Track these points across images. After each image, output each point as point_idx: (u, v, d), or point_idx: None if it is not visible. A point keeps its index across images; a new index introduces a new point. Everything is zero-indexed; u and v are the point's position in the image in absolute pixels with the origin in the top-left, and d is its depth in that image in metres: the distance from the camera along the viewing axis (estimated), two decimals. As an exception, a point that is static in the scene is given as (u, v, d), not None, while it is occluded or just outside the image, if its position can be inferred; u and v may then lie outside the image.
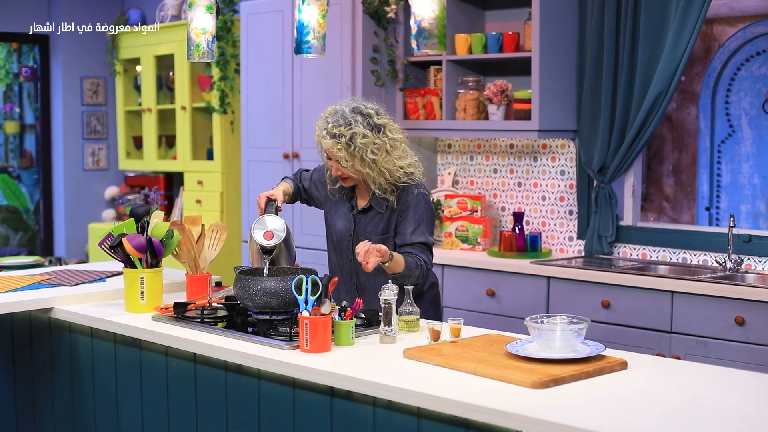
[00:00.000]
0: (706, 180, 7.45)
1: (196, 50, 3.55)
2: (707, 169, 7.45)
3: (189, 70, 7.32)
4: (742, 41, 7.19)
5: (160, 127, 7.77)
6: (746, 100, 7.20)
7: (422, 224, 3.71)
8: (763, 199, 7.17)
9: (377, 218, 3.76)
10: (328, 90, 6.02)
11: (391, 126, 3.68)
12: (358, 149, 3.58)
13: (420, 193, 3.73)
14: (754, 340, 4.33)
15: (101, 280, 4.29)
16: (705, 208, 7.48)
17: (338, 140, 3.59)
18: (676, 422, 2.38)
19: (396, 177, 3.67)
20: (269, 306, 3.39)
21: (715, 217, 7.43)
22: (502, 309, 5.22)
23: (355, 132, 3.58)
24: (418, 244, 3.70)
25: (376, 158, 3.60)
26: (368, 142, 3.59)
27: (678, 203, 7.60)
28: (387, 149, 3.62)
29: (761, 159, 7.15)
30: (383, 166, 3.62)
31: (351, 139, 3.58)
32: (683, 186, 7.57)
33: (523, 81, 5.69)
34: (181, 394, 3.45)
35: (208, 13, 3.52)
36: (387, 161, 3.63)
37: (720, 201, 7.41)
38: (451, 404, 2.58)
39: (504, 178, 5.92)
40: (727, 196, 7.37)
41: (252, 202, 6.59)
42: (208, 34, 3.53)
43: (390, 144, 3.64)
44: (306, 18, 3.19)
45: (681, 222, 7.29)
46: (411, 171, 3.72)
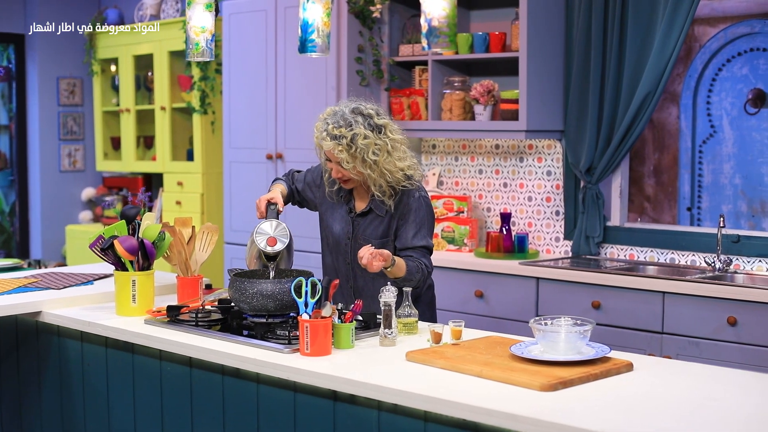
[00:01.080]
0: (688, 180, 7.46)
1: (195, 49, 3.49)
2: (688, 170, 7.47)
3: (168, 70, 7.25)
4: (723, 42, 7.21)
5: (139, 127, 7.69)
6: (727, 101, 7.22)
7: (423, 228, 3.68)
8: (744, 200, 7.19)
9: (377, 221, 3.71)
10: (312, 90, 5.97)
11: (392, 127, 3.65)
12: (360, 150, 3.53)
13: (421, 196, 3.70)
14: (747, 341, 4.33)
15: (89, 282, 4.22)
16: (686, 208, 7.49)
17: (339, 141, 3.54)
18: (690, 424, 2.35)
19: (396, 179, 3.63)
20: (266, 309, 3.34)
21: (697, 217, 7.45)
22: (490, 310, 5.19)
23: (356, 133, 3.53)
24: (419, 248, 3.68)
25: (377, 159, 3.55)
26: (369, 143, 3.54)
27: (659, 203, 7.61)
28: (388, 150, 3.59)
29: (743, 159, 7.17)
30: (384, 167, 3.58)
31: (352, 140, 3.53)
32: (664, 186, 7.58)
33: (508, 81, 5.67)
34: (175, 399, 3.39)
35: (207, 12, 3.46)
36: (388, 162, 3.59)
37: (701, 201, 7.43)
38: (459, 407, 2.54)
39: (489, 179, 5.90)
40: (709, 196, 7.38)
41: (234, 203, 6.53)
42: (207, 32, 3.48)
43: (391, 145, 3.60)
44: (310, 16, 3.14)
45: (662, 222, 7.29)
46: (410, 173, 3.68)
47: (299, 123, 6.08)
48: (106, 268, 4.63)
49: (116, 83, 7.86)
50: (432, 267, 3.73)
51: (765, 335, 4.28)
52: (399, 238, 3.70)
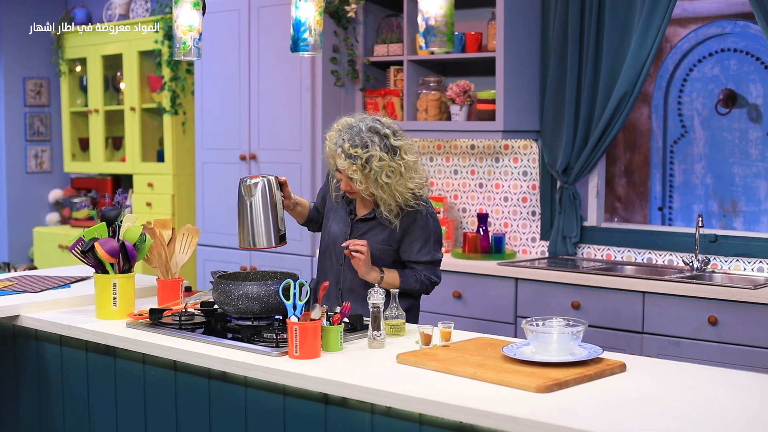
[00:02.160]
0: (659, 180, 7.50)
1: (183, 48, 3.44)
2: (660, 170, 7.50)
3: (138, 71, 7.17)
4: (694, 42, 7.24)
5: (108, 128, 7.59)
6: (699, 101, 7.26)
7: (429, 242, 3.70)
8: (716, 200, 7.23)
9: (378, 228, 3.71)
10: (286, 90, 5.93)
11: (407, 147, 3.62)
12: (374, 172, 3.52)
13: (428, 213, 3.71)
14: (728, 340, 4.34)
15: (66, 285, 4.15)
16: (658, 208, 7.52)
17: (354, 162, 3.52)
18: (691, 424, 2.34)
19: (405, 198, 3.62)
20: (251, 311, 3.30)
21: (668, 217, 7.48)
22: (469, 311, 5.17)
23: (372, 155, 3.51)
24: (424, 263, 3.71)
25: (390, 182, 3.55)
26: (384, 165, 3.53)
27: (630, 203, 7.64)
28: (401, 172, 3.57)
29: (714, 159, 7.21)
30: (396, 189, 3.57)
31: (367, 161, 3.52)
32: (635, 186, 7.61)
33: (484, 81, 5.66)
34: (159, 404, 3.34)
35: (194, 10, 3.41)
36: (400, 184, 3.58)
37: (673, 201, 7.46)
38: (456, 410, 2.51)
39: (465, 179, 5.88)
40: (680, 196, 7.41)
41: (207, 204, 6.47)
42: (194, 31, 3.42)
43: (405, 166, 3.58)
44: (303, 15, 3.10)
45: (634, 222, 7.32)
46: (420, 193, 3.67)
47: (273, 123, 6.03)
48: (83, 271, 4.56)
49: (84, 83, 7.76)
50: (439, 278, 3.76)
51: (746, 334, 4.29)
52: (404, 252, 3.71)
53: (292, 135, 5.93)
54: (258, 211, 3.64)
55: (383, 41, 5.89)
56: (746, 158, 7.07)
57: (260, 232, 3.65)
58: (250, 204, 3.63)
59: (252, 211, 3.64)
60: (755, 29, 6.96)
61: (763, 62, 6.95)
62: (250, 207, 3.64)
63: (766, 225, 6.94)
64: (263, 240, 3.67)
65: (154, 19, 6.85)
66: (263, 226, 3.65)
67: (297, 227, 5.88)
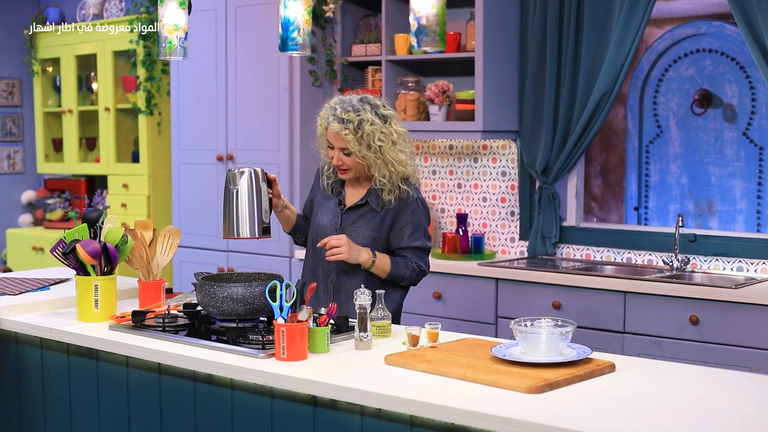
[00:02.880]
0: (635, 180, 7.52)
1: (169, 47, 3.40)
2: (635, 170, 7.53)
3: (112, 71, 7.11)
4: (669, 43, 7.28)
5: (81, 129, 7.52)
6: (674, 101, 7.29)
7: (419, 229, 3.72)
8: (691, 199, 7.26)
9: (370, 215, 3.72)
10: (264, 90, 5.90)
11: (396, 120, 3.72)
12: (367, 135, 3.58)
13: (418, 198, 3.74)
14: (709, 339, 4.35)
15: (45, 288, 4.10)
16: (633, 208, 7.55)
17: (346, 125, 3.59)
18: (685, 424, 2.34)
19: (397, 171, 3.66)
20: (236, 313, 3.27)
21: (644, 217, 7.51)
22: (449, 312, 5.16)
23: (364, 118, 3.59)
24: (413, 249, 3.72)
25: (382, 146, 3.61)
26: (376, 129, 3.60)
27: (606, 203, 7.66)
28: (393, 140, 3.65)
29: (689, 159, 7.25)
30: (388, 156, 3.62)
31: (359, 124, 3.59)
32: (611, 186, 7.63)
33: (462, 81, 5.66)
34: (143, 407, 3.30)
35: (180, 9, 3.37)
36: (392, 151, 3.64)
37: (648, 201, 7.49)
38: (447, 411, 2.50)
39: (443, 180, 5.87)
40: (656, 196, 7.45)
41: (183, 206, 6.42)
42: (180, 30, 3.38)
43: (396, 135, 3.66)
44: (292, 14, 3.07)
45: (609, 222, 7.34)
46: (410, 172, 3.72)
47: (251, 124, 5.99)
48: (62, 273, 4.52)
49: (57, 84, 7.69)
50: (428, 266, 3.77)
51: (727, 334, 4.31)
52: (395, 238, 3.72)
53: (269, 135, 5.90)
54: (243, 200, 3.61)
55: (361, 41, 5.87)
56: (722, 158, 7.11)
57: (244, 222, 3.62)
58: (235, 193, 3.61)
59: (237, 200, 3.61)
60: (730, 30, 7.00)
61: (738, 62, 6.99)
62: (234, 196, 3.61)
63: (742, 224, 6.99)
64: (246, 230, 3.63)
65: (129, 18, 6.80)
66: (247, 216, 3.62)
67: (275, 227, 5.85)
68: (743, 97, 6.98)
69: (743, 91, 6.97)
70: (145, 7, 6.69)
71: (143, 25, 6.65)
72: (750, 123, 6.98)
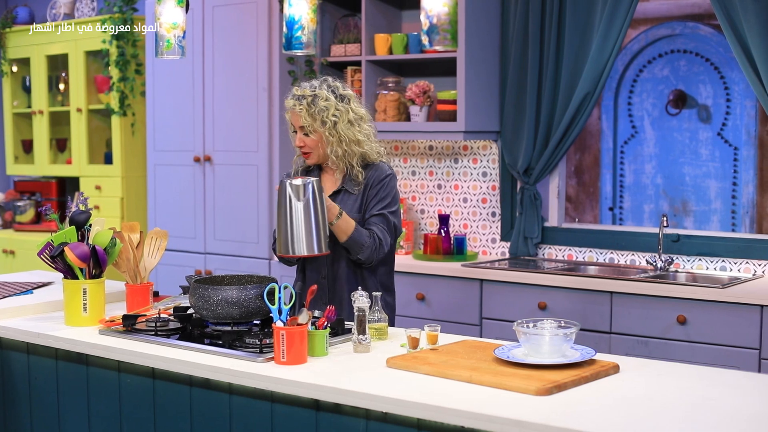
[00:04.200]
0: (609, 180, 7.55)
1: (167, 46, 3.34)
2: (610, 170, 7.56)
3: (84, 71, 7.01)
4: (644, 43, 7.31)
5: (53, 130, 7.42)
6: (649, 102, 7.33)
7: (384, 201, 3.69)
8: (666, 199, 7.30)
9: (351, 199, 3.71)
10: (242, 90, 5.84)
11: (357, 102, 3.71)
12: (320, 110, 3.59)
13: (392, 174, 3.75)
14: (696, 339, 4.36)
15: (28, 292, 4.02)
16: (608, 208, 7.58)
17: (300, 101, 3.62)
18: (698, 425, 2.33)
19: (354, 150, 3.65)
20: (230, 316, 3.22)
21: (619, 217, 7.54)
22: (433, 313, 5.14)
23: (318, 95, 3.61)
24: (377, 215, 3.67)
25: (336, 122, 3.60)
26: (330, 105, 3.60)
27: (580, 204, 7.68)
28: (350, 119, 3.64)
29: (664, 159, 7.28)
30: (344, 134, 3.61)
31: (313, 100, 3.61)
32: (586, 186, 7.66)
33: (441, 81, 5.64)
34: (136, 412, 3.24)
35: (178, 7, 3.32)
36: (348, 130, 3.63)
37: (623, 201, 7.52)
38: (457, 414, 2.47)
39: (423, 180, 5.85)
40: (630, 196, 7.48)
41: (159, 207, 6.35)
42: (178, 29, 3.33)
43: (354, 115, 3.65)
44: (296, 13, 3.03)
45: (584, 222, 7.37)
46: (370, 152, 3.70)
47: (229, 124, 5.94)
48: (42, 276, 4.44)
49: (27, 84, 7.57)
50: (388, 243, 3.68)
51: (715, 333, 4.32)
52: (366, 211, 3.71)
53: (248, 136, 5.84)
54: (309, 215, 3.41)
55: (340, 41, 5.83)
56: (696, 158, 7.15)
57: (310, 238, 3.41)
58: (300, 208, 3.39)
59: (302, 215, 3.40)
60: (705, 31, 7.05)
61: (713, 63, 7.04)
62: (300, 211, 3.39)
63: (717, 224, 7.03)
64: (313, 246, 3.42)
65: (102, 18, 6.71)
66: (314, 232, 3.42)
67: (254, 229, 5.81)
68: (718, 97, 7.03)
69: (718, 92, 7.02)
70: (119, 6, 6.60)
71: (116, 25, 6.57)
72: (725, 123, 7.03)
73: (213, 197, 6.03)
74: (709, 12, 6.93)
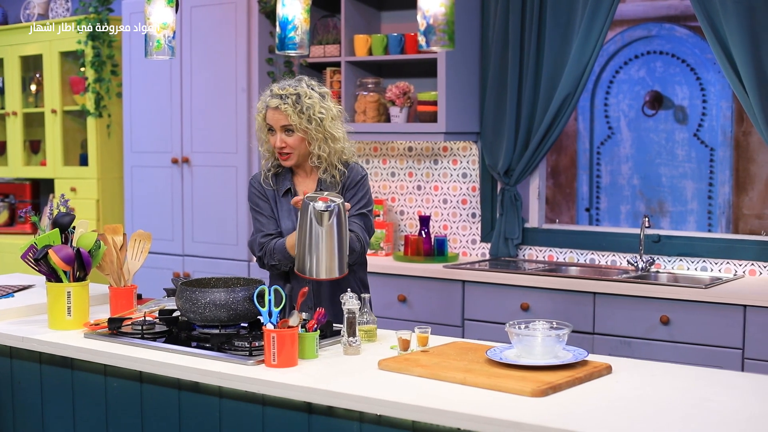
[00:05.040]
0: (586, 181, 7.57)
1: (157, 46, 3.30)
2: (587, 171, 7.58)
3: (59, 72, 6.94)
4: (620, 44, 7.34)
5: (26, 131, 7.34)
6: (625, 103, 7.35)
7: (362, 200, 3.69)
8: (642, 200, 7.32)
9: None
10: (221, 91, 5.80)
11: (331, 98, 3.68)
12: (306, 107, 3.55)
13: (365, 174, 3.74)
14: (680, 339, 4.38)
15: (9, 295, 3.97)
16: (585, 209, 7.60)
17: (285, 100, 3.56)
18: (697, 425, 2.33)
19: (337, 148, 3.63)
20: (218, 319, 3.19)
21: (595, 218, 7.56)
22: (414, 315, 5.12)
23: (301, 92, 3.57)
24: (357, 215, 3.65)
25: (323, 118, 3.57)
26: (314, 102, 3.57)
27: (557, 205, 7.70)
28: (332, 116, 3.62)
29: (640, 160, 7.31)
30: (329, 130, 3.59)
31: (298, 98, 3.56)
32: (562, 187, 7.67)
33: (421, 82, 5.63)
34: (123, 416, 3.20)
35: (168, 7, 3.28)
36: (332, 127, 3.61)
37: (600, 202, 7.54)
38: (453, 416, 2.46)
39: (402, 182, 5.84)
40: (607, 197, 7.50)
41: (136, 209, 6.30)
42: (168, 29, 3.29)
43: (335, 111, 3.64)
44: (290, 13, 3.00)
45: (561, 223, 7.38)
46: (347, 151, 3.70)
47: (207, 126, 5.90)
48: (21, 279, 4.40)
49: (0, 85, 7.49)
50: (367, 241, 3.68)
51: (698, 333, 4.33)
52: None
53: (227, 138, 5.81)
54: (333, 239, 3.31)
55: (319, 42, 5.80)
56: (673, 159, 7.19)
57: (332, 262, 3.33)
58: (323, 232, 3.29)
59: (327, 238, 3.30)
60: (681, 32, 7.08)
61: (689, 64, 7.07)
62: (323, 235, 3.30)
63: (694, 225, 7.07)
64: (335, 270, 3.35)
65: (77, 18, 6.64)
66: (337, 256, 3.33)
67: (232, 231, 5.78)
68: (694, 98, 7.07)
69: (694, 93, 7.06)
70: (94, 7, 6.54)
71: (92, 25, 6.51)
72: (701, 124, 7.07)
73: (191, 199, 5.99)
74: (686, 14, 6.97)
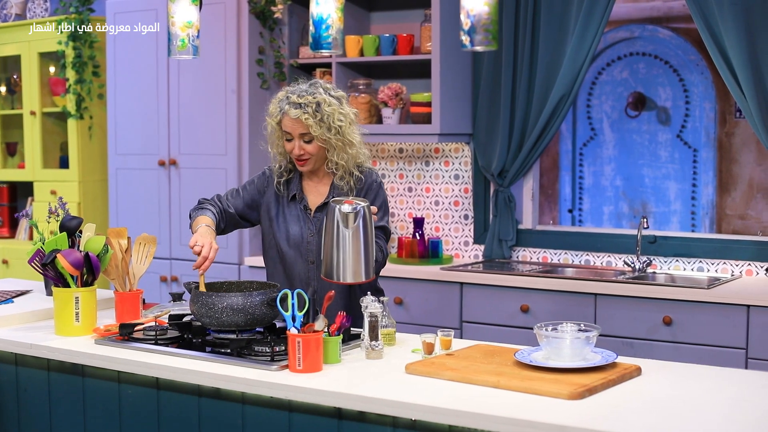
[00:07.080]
0: (569, 182, 7.58)
1: (181, 45, 3.23)
2: (569, 172, 7.59)
3: (38, 73, 6.82)
4: (603, 46, 7.35)
5: (3, 133, 7.21)
6: (608, 104, 7.37)
7: (381, 210, 3.61)
8: (625, 201, 7.35)
9: None
10: (210, 92, 5.73)
11: (347, 102, 3.60)
12: (327, 116, 3.46)
13: (380, 182, 3.67)
14: (682, 339, 4.38)
15: (9, 301, 3.88)
16: (567, 210, 7.61)
17: (305, 109, 3.46)
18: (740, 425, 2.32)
19: (355, 153, 3.56)
20: (235, 324, 3.14)
21: (578, 219, 7.57)
22: (411, 317, 5.09)
23: (320, 100, 3.47)
24: (378, 228, 3.56)
25: (342, 126, 3.49)
26: (334, 110, 3.48)
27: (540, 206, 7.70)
28: (351, 120, 3.54)
29: (623, 161, 7.33)
30: (348, 138, 3.52)
31: (318, 106, 3.46)
32: (545, 188, 7.67)
33: (412, 84, 5.60)
34: (138, 425, 3.13)
35: (193, 5, 3.21)
36: (352, 132, 3.53)
37: (582, 203, 7.56)
38: (492, 420, 2.42)
39: (393, 183, 5.80)
40: (590, 198, 7.52)
41: (122, 212, 6.21)
42: (193, 27, 3.22)
43: (353, 116, 3.56)
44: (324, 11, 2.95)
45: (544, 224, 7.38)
46: (363, 155, 3.62)
47: (195, 127, 5.82)
48: (17, 284, 4.31)
49: (-24, 87, 7.36)
50: (388, 253, 3.63)
51: (700, 334, 4.34)
52: None
53: (216, 139, 5.74)
54: (359, 243, 3.22)
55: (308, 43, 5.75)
56: (656, 160, 7.21)
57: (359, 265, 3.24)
58: (349, 235, 3.21)
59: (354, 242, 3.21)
60: (664, 34, 7.11)
61: (672, 66, 7.10)
62: (349, 238, 3.21)
63: (677, 225, 7.10)
64: (361, 275, 3.25)
65: (57, 19, 6.53)
66: (363, 259, 3.24)
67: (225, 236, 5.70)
68: (677, 99, 7.10)
69: (677, 94, 7.09)
70: (75, 6, 6.43)
71: (76, 25, 6.40)
72: (684, 125, 7.10)
73: (179, 201, 5.91)
74: (669, 15, 7.00)
